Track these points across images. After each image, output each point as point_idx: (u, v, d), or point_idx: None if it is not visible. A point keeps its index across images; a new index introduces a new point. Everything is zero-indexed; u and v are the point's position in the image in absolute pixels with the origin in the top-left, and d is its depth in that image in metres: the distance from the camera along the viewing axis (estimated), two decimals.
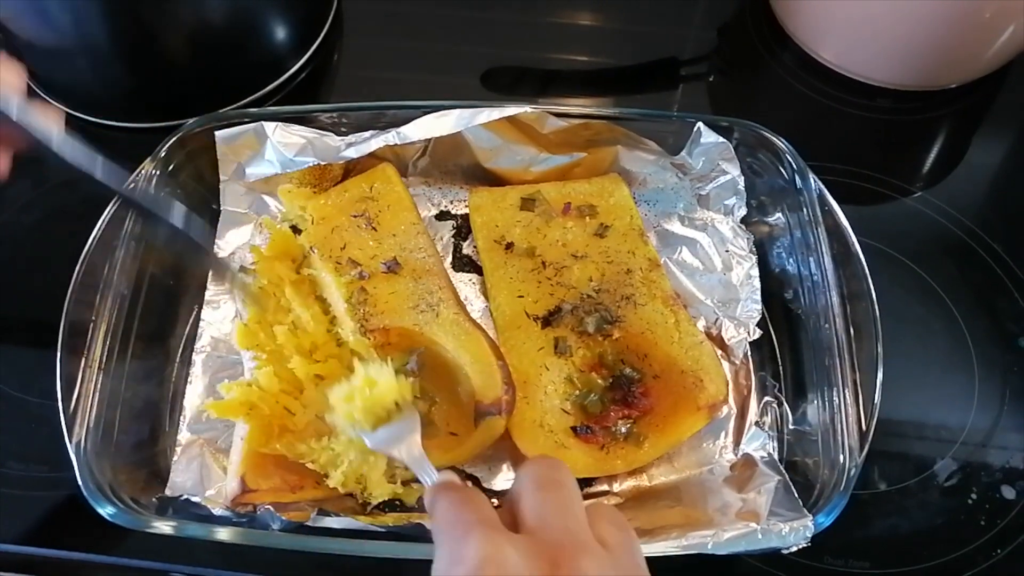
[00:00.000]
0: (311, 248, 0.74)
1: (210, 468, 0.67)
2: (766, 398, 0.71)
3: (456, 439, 0.66)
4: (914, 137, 0.91)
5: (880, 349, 0.65)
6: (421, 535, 0.56)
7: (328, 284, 0.72)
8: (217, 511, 0.61)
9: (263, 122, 0.77)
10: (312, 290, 0.73)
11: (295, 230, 0.78)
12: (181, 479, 0.67)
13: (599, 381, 0.69)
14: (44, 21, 0.79)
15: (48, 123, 0.55)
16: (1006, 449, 0.70)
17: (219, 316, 0.76)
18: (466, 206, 0.80)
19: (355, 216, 0.76)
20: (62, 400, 0.62)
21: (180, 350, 0.74)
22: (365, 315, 0.69)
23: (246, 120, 0.77)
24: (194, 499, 0.62)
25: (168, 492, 0.66)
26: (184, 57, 0.85)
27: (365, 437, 0.57)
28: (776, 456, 0.67)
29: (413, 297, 0.71)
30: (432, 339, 0.68)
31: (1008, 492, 0.68)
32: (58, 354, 0.64)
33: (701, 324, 0.73)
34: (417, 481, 0.58)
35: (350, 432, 0.59)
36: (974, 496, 0.68)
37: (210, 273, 0.77)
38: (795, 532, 0.57)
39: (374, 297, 0.71)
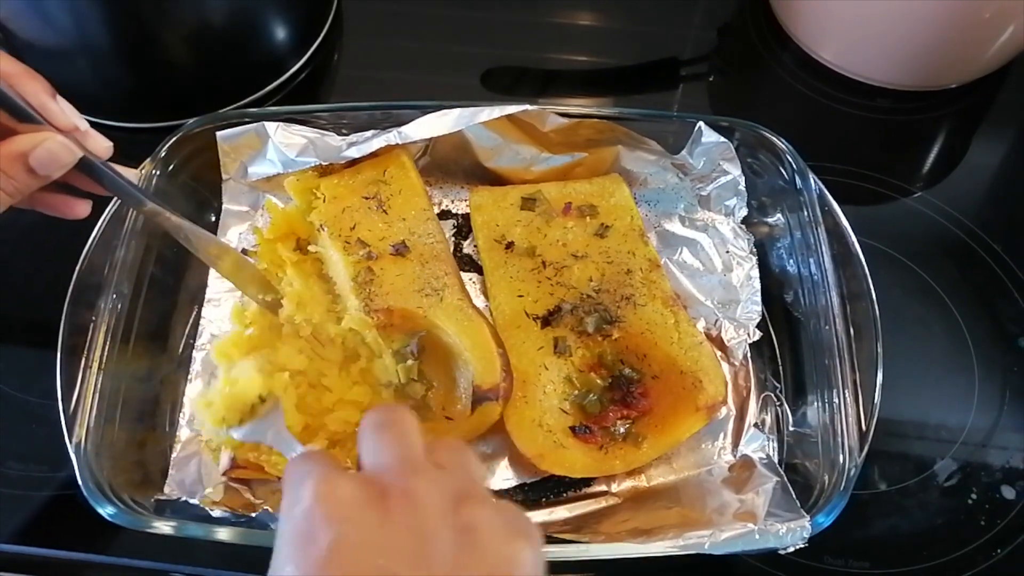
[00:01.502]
0: (321, 226, 0.74)
1: (209, 466, 0.67)
2: (765, 399, 0.71)
3: (451, 424, 0.67)
4: (914, 137, 0.91)
5: (880, 350, 0.65)
6: None
7: (335, 262, 0.72)
8: (216, 513, 0.61)
9: (264, 122, 0.77)
10: (314, 270, 0.73)
11: None
12: (180, 477, 0.67)
13: (598, 381, 0.69)
14: (44, 21, 0.79)
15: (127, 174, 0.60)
16: (1006, 449, 0.70)
17: (219, 315, 0.76)
18: (467, 205, 0.80)
19: (367, 198, 0.76)
20: (62, 400, 0.62)
21: (180, 349, 0.74)
22: (370, 295, 0.69)
23: (246, 120, 0.77)
24: (192, 501, 0.62)
25: (167, 490, 0.66)
26: (184, 57, 0.85)
27: (233, 432, 0.59)
28: (775, 457, 0.67)
29: (419, 280, 0.71)
30: (434, 323, 0.68)
31: (1008, 492, 0.68)
32: (58, 354, 0.64)
33: (701, 325, 0.73)
34: None
35: (220, 432, 0.60)
36: (974, 496, 0.68)
37: (211, 272, 0.77)
38: (792, 533, 0.57)
39: (380, 278, 0.71)
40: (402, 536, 0.39)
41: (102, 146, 0.58)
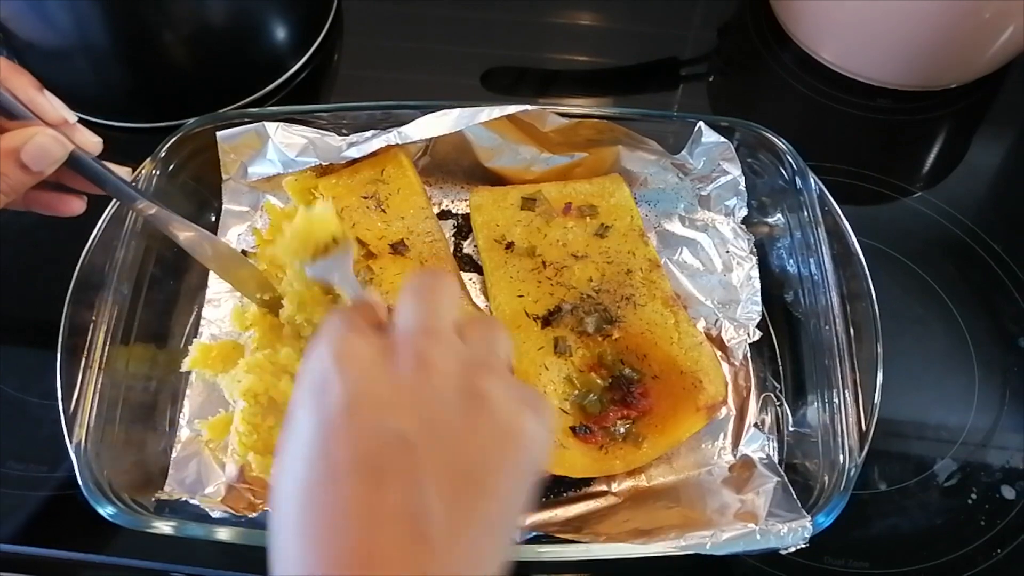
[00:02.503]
0: None
1: (209, 465, 0.67)
2: (765, 399, 0.71)
3: None
4: (914, 137, 0.91)
5: (880, 350, 0.64)
6: None
7: None
8: (216, 513, 0.61)
9: (264, 122, 0.77)
10: None
11: None
12: (180, 476, 0.67)
13: (598, 381, 0.69)
14: (44, 21, 0.79)
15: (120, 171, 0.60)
16: (1006, 449, 0.70)
17: (219, 315, 0.76)
18: (467, 205, 0.80)
19: (365, 197, 0.76)
20: (62, 400, 0.62)
21: (180, 348, 0.73)
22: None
23: (246, 120, 0.77)
24: (192, 501, 0.62)
25: (167, 489, 0.66)
26: (184, 57, 0.85)
27: (306, 267, 0.61)
28: (775, 457, 0.67)
29: None
30: None
31: (1008, 492, 0.68)
32: (58, 354, 0.64)
33: (701, 325, 0.73)
34: None
35: (294, 264, 0.62)
36: (974, 496, 0.68)
37: (211, 273, 0.77)
38: (793, 533, 0.57)
39: (379, 277, 0.71)
40: (410, 397, 0.40)
41: (91, 140, 0.58)
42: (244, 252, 0.76)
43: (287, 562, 0.37)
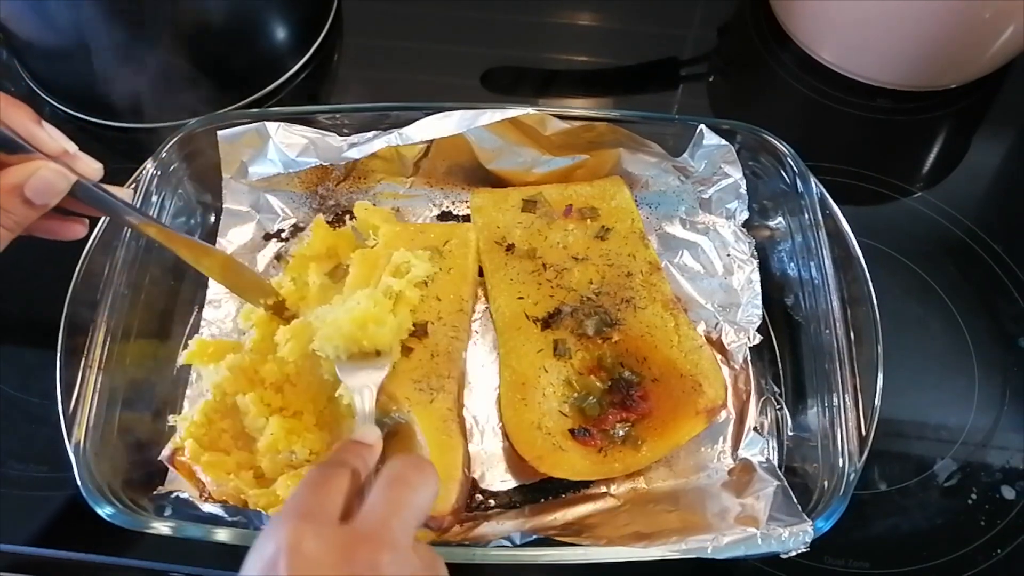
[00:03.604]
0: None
1: None
2: (765, 403, 0.71)
3: None
4: (914, 137, 0.91)
5: (880, 354, 0.64)
6: None
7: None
8: (208, 507, 0.61)
9: (265, 122, 0.77)
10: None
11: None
12: (177, 476, 0.66)
13: (598, 384, 0.69)
14: (44, 21, 0.79)
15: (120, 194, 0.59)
16: (1006, 449, 0.71)
17: (219, 315, 0.76)
18: (468, 207, 0.80)
19: None
20: (62, 400, 0.62)
21: (180, 350, 0.73)
22: None
23: (247, 120, 0.77)
24: (183, 496, 0.62)
25: (165, 490, 0.66)
26: (184, 57, 0.85)
27: (337, 365, 0.61)
28: (775, 461, 0.67)
29: (420, 371, 0.68)
30: (414, 420, 0.65)
31: (1008, 492, 0.68)
32: (58, 354, 0.64)
33: (701, 328, 0.73)
34: None
35: (327, 350, 0.62)
36: (974, 496, 0.68)
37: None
38: (795, 537, 0.57)
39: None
40: None
41: (92, 167, 0.57)
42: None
43: None
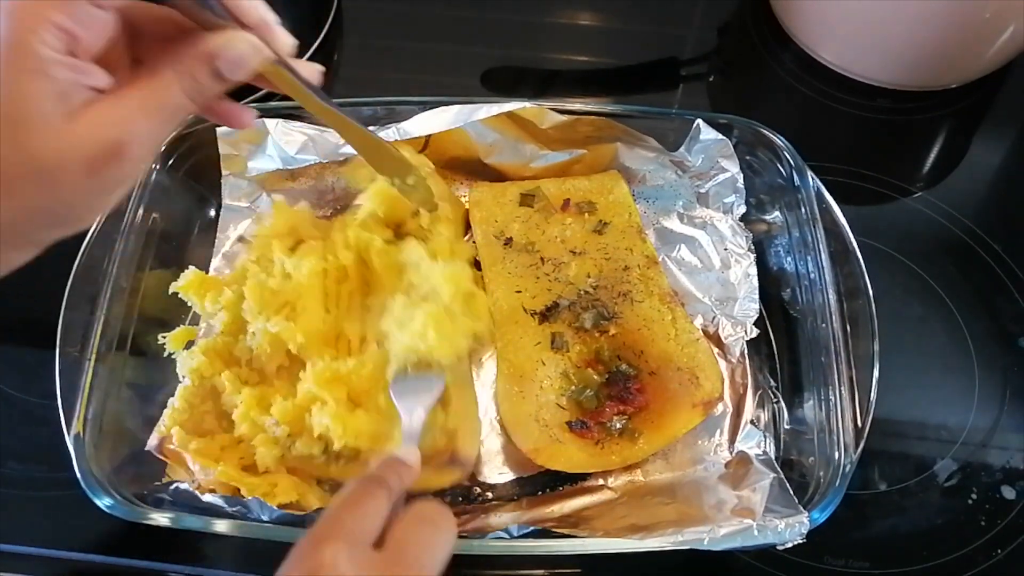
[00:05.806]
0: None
1: None
2: (762, 396, 0.71)
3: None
4: (914, 137, 0.91)
5: (876, 346, 0.64)
6: None
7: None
8: (207, 497, 0.61)
9: (264, 118, 0.77)
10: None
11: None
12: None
13: (595, 377, 0.69)
14: None
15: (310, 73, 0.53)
16: (1006, 449, 0.70)
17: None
18: (466, 201, 0.80)
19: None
20: (61, 393, 0.63)
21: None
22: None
23: None
24: (183, 487, 0.62)
25: (166, 480, 0.65)
26: None
27: (392, 379, 0.61)
28: (772, 454, 0.67)
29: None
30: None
31: (1008, 492, 0.68)
32: (57, 347, 0.64)
33: (698, 322, 0.73)
34: None
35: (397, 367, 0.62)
36: (974, 496, 0.68)
37: (211, 268, 0.77)
38: (791, 528, 0.57)
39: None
40: None
41: (288, 43, 0.51)
42: (241, 239, 0.76)
43: None
